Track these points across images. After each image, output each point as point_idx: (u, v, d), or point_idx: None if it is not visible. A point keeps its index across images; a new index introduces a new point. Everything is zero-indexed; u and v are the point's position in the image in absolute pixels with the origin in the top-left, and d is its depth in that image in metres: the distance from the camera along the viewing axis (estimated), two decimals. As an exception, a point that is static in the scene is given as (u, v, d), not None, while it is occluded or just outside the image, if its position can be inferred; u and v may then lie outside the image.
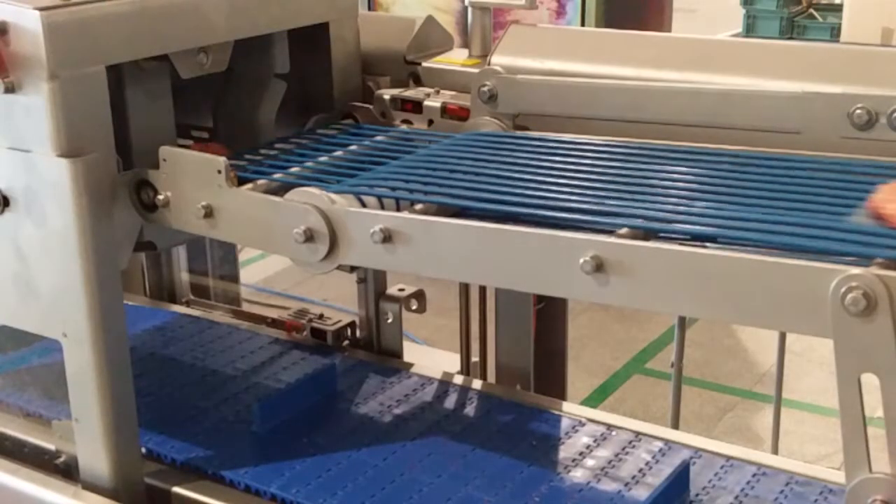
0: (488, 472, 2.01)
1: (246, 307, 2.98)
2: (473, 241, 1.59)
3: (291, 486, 1.97)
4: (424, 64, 2.33)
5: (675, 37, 2.41)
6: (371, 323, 2.54)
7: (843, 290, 1.29)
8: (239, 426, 2.18)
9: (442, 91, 2.25)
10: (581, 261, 1.46)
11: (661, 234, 1.52)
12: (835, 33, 9.39)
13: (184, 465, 2.05)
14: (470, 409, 2.27)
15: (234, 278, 3.08)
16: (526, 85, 2.05)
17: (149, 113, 2.00)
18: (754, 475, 1.99)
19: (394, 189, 1.79)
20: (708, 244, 1.48)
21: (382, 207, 1.76)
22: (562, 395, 2.59)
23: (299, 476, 2.00)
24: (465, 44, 2.40)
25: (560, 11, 6.07)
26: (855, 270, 1.29)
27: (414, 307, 2.51)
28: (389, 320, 2.51)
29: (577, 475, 2.00)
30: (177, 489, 1.99)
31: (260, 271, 5.47)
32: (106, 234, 1.79)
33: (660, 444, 2.09)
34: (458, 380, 2.40)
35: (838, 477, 1.91)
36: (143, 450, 2.03)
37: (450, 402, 2.29)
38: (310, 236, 1.69)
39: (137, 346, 2.48)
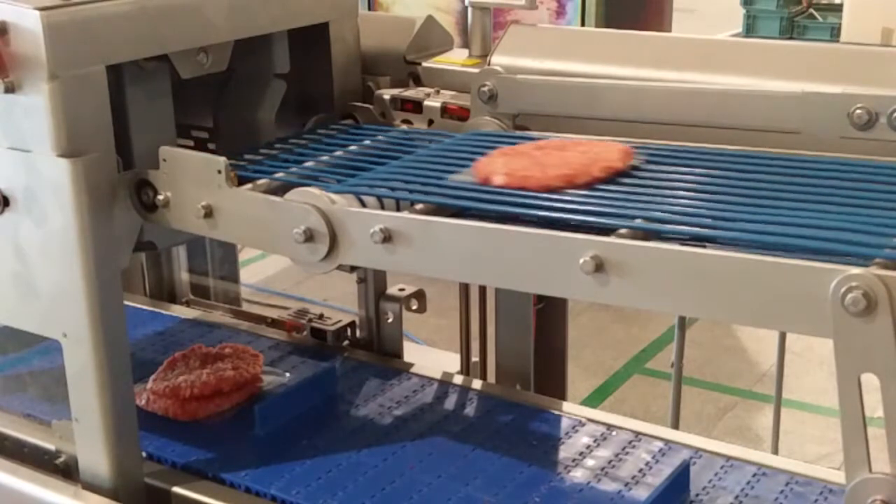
0: (488, 472, 2.01)
1: (246, 307, 2.98)
2: (473, 241, 1.58)
3: (292, 487, 1.96)
4: (424, 64, 2.33)
5: (675, 37, 2.41)
6: (371, 323, 2.54)
7: (843, 290, 1.29)
8: (239, 428, 2.18)
9: (442, 91, 2.25)
10: (581, 261, 1.46)
11: (661, 234, 1.52)
12: (835, 33, 9.40)
13: (184, 468, 2.05)
14: (470, 409, 2.27)
15: (234, 278, 3.08)
16: (526, 85, 2.05)
17: (149, 113, 2.00)
18: (754, 475, 1.99)
19: (394, 189, 1.79)
20: (708, 244, 1.48)
21: (382, 207, 1.76)
22: (562, 395, 2.59)
23: (299, 477, 2.00)
24: (465, 44, 2.40)
25: (560, 11, 6.07)
26: (855, 270, 1.29)
27: (414, 307, 2.51)
28: (389, 320, 2.51)
29: (577, 475, 2.00)
30: (177, 489, 1.99)
31: (260, 271, 5.47)
32: (106, 234, 1.79)
33: (660, 444, 2.09)
34: (458, 380, 2.40)
35: (838, 477, 1.91)
36: (144, 454, 2.02)
37: (450, 402, 2.29)
38: (310, 236, 1.69)
39: (138, 350, 2.49)
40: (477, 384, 2.40)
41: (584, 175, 1.70)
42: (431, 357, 2.75)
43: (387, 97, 2.25)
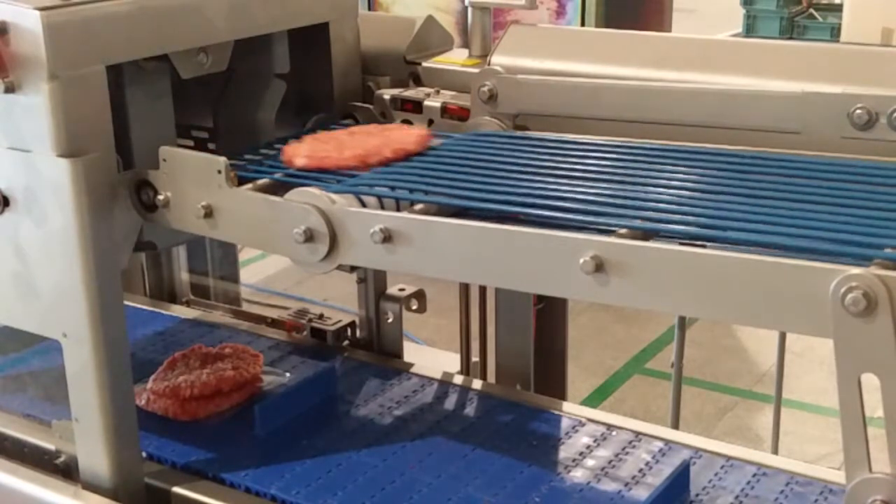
0: (488, 472, 2.01)
1: (246, 307, 2.98)
2: (473, 241, 1.59)
3: (292, 487, 1.96)
4: (424, 64, 2.33)
5: (675, 37, 2.41)
6: (371, 323, 2.54)
7: (843, 290, 1.29)
8: (239, 428, 2.18)
9: (442, 91, 2.25)
10: (581, 261, 1.46)
11: (661, 234, 1.52)
12: (835, 33, 9.39)
13: (184, 468, 2.05)
14: (470, 409, 2.27)
15: (234, 278, 3.08)
16: (526, 85, 2.05)
17: (149, 113, 2.00)
18: (754, 475, 1.99)
19: (394, 189, 1.79)
20: (708, 244, 1.48)
21: (382, 207, 1.76)
22: (562, 395, 2.59)
23: (299, 477, 2.00)
24: (465, 44, 2.40)
25: (560, 11, 6.07)
26: (855, 270, 1.29)
27: (414, 307, 2.51)
28: (389, 320, 2.51)
29: (577, 475, 2.00)
30: (177, 489, 1.99)
31: (260, 271, 5.47)
32: (106, 234, 1.79)
33: (660, 444, 2.09)
34: (458, 380, 2.40)
35: (838, 477, 1.91)
36: (144, 454, 2.02)
37: (450, 402, 2.29)
38: (310, 236, 1.69)
39: (138, 350, 2.49)
40: (477, 384, 2.40)
41: (376, 155, 1.88)
42: (431, 357, 2.75)
43: (387, 97, 2.25)
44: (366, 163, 1.87)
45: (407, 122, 2.21)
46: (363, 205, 1.73)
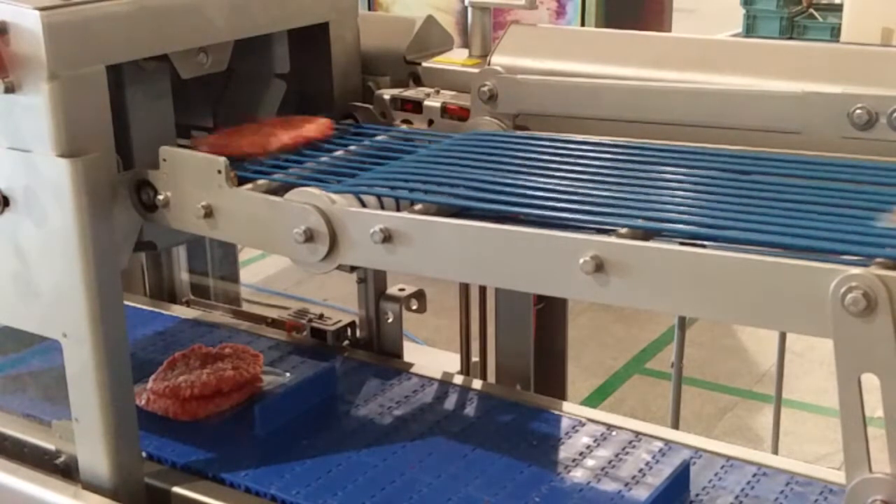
0: (488, 472, 2.01)
1: (246, 307, 2.98)
2: (473, 241, 1.59)
3: (292, 487, 1.96)
4: (424, 64, 2.33)
5: (675, 37, 2.41)
6: (371, 323, 2.54)
7: (843, 290, 1.29)
8: (239, 428, 2.18)
9: (442, 91, 2.25)
10: (581, 261, 1.46)
11: (661, 234, 1.52)
12: (835, 33, 9.38)
13: (184, 468, 2.05)
14: (470, 409, 2.27)
15: (234, 278, 3.08)
16: (526, 85, 2.05)
17: (149, 113, 2.00)
18: (754, 475, 1.99)
19: (394, 189, 1.79)
20: (708, 244, 1.48)
21: (382, 207, 1.76)
22: (562, 395, 2.59)
23: (299, 477, 2.00)
24: (465, 44, 2.40)
25: (560, 11, 6.07)
26: (855, 270, 1.29)
27: (414, 307, 2.51)
28: (389, 320, 2.51)
29: (577, 475, 2.00)
30: (177, 489, 1.99)
31: (260, 271, 5.47)
32: (106, 234, 1.79)
33: (660, 444, 2.10)
34: (458, 380, 2.40)
35: (838, 477, 1.91)
36: (144, 454, 2.02)
37: (450, 402, 2.29)
38: (310, 236, 1.69)
39: (138, 350, 2.49)
40: (477, 384, 2.40)
41: (275, 142, 1.97)
42: (431, 357, 2.75)
43: (387, 97, 2.25)
44: (265, 149, 1.95)
45: (407, 121, 2.22)
46: (363, 205, 1.73)
